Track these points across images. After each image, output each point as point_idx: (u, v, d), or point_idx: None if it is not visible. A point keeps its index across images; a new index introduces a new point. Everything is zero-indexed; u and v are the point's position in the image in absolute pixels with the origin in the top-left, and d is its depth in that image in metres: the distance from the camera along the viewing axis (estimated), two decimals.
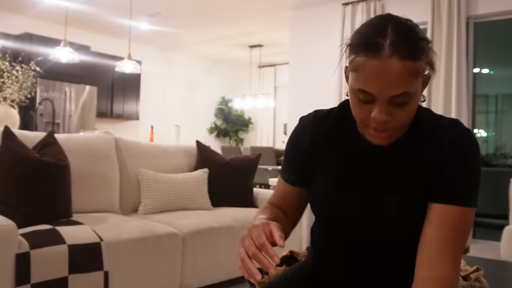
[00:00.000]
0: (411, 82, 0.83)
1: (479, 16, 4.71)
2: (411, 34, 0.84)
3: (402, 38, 0.83)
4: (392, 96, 0.84)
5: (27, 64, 3.89)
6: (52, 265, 1.82)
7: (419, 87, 0.86)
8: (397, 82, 0.82)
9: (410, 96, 0.85)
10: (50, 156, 2.20)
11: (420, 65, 0.84)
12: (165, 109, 8.62)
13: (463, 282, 1.40)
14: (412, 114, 0.89)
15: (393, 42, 0.82)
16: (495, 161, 6.56)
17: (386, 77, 0.82)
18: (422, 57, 0.84)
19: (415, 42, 0.84)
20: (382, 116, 0.86)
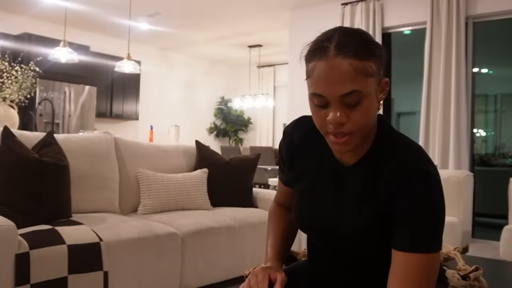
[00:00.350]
0: (359, 80, 0.86)
1: (478, 16, 4.72)
2: (358, 36, 0.89)
3: (347, 39, 0.87)
4: (342, 96, 0.86)
5: (26, 64, 3.89)
6: (52, 265, 1.82)
7: (371, 88, 0.88)
8: (344, 80, 0.85)
9: (362, 95, 0.87)
10: (50, 156, 2.20)
11: (368, 65, 0.86)
12: (164, 109, 8.62)
13: (462, 281, 1.40)
14: (368, 117, 0.89)
15: (338, 44, 0.86)
16: (494, 160, 6.57)
17: (333, 76, 0.86)
18: (371, 58, 0.87)
19: (361, 43, 0.87)
20: (336, 116, 0.88)
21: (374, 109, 0.91)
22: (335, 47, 0.86)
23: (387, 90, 0.94)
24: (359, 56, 0.86)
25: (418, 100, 5.00)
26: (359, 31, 0.91)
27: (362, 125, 0.89)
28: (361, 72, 0.86)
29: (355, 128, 0.89)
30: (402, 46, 6.00)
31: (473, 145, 4.91)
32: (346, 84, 0.85)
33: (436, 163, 4.63)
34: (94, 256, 1.95)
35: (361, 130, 0.90)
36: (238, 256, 2.64)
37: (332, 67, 0.86)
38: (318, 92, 0.88)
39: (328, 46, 0.87)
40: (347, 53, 0.85)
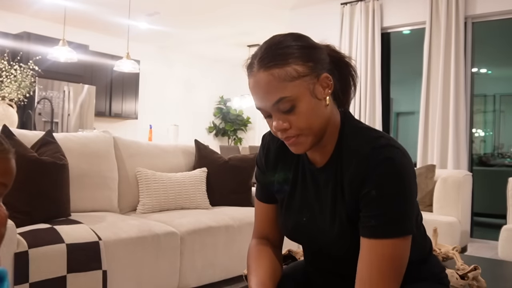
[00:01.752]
0: (283, 87, 0.89)
1: (477, 16, 4.72)
2: (277, 44, 0.93)
3: (267, 51, 0.92)
4: (273, 105, 0.91)
5: (25, 63, 3.88)
6: (51, 264, 1.83)
7: (303, 90, 0.90)
8: (269, 90, 0.90)
9: (292, 99, 0.90)
10: (49, 155, 2.20)
11: (291, 70, 0.89)
12: (163, 109, 8.62)
13: (461, 281, 1.41)
14: (309, 117, 0.92)
15: (260, 58, 0.92)
16: (492, 160, 6.58)
17: (260, 89, 0.91)
18: (294, 62, 0.90)
19: (278, 50, 0.91)
20: (278, 124, 0.92)
21: (317, 108, 0.93)
22: (257, 61, 0.92)
23: (331, 84, 0.94)
24: (279, 64, 0.89)
25: (417, 100, 5.01)
26: (284, 38, 0.95)
27: (305, 126, 0.92)
28: (284, 78, 0.89)
29: (299, 130, 0.92)
30: (401, 46, 6.01)
31: (471, 145, 4.91)
32: (272, 94, 0.90)
33: (435, 163, 4.64)
34: (93, 255, 1.95)
35: (307, 129, 0.93)
36: (237, 255, 2.64)
37: (257, 82, 0.91)
38: (257, 106, 0.95)
39: (253, 62, 0.93)
40: (267, 64, 0.90)
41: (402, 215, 0.89)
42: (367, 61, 5.28)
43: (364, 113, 5.26)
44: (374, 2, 5.27)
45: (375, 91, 5.24)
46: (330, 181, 0.99)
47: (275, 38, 0.96)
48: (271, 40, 0.95)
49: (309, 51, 0.93)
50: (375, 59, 5.24)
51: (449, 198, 3.67)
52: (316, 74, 0.92)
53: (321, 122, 0.94)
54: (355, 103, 5.34)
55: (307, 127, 0.92)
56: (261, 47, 0.94)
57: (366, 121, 5.21)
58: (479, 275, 1.43)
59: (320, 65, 0.93)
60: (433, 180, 3.90)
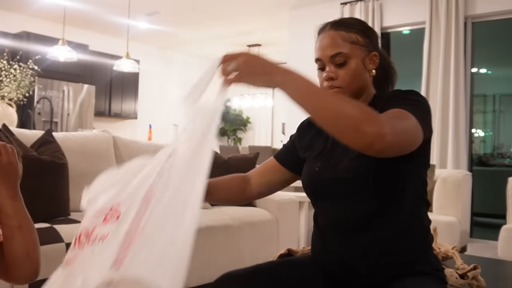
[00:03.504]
0: (343, 45, 1.11)
1: (477, 16, 4.72)
2: (349, 18, 1.21)
3: (341, 19, 1.17)
4: (331, 56, 1.12)
5: (25, 62, 3.88)
6: (50, 264, 1.82)
7: (357, 53, 1.12)
8: (332, 44, 1.12)
9: (347, 56, 1.11)
10: (48, 154, 2.20)
11: (354, 36, 1.13)
12: (163, 108, 8.61)
13: (461, 280, 1.41)
14: (353, 75, 1.11)
15: (334, 22, 1.16)
16: (492, 160, 6.58)
17: (325, 42, 1.14)
18: (358, 32, 1.13)
19: (349, 20, 1.17)
20: (328, 73, 1.12)
21: (361, 71, 1.13)
22: (330, 23, 1.16)
23: (377, 61, 1.17)
24: (347, 29, 1.13)
25: None
26: (356, 19, 1.21)
27: (348, 81, 1.12)
28: (347, 39, 1.12)
29: (343, 83, 1.12)
30: (401, 46, 6.01)
31: (471, 145, 4.91)
32: (334, 47, 1.12)
33: (435, 163, 4.64)
34: None
35: (349, 85, 1.12)
36: (237, 254, 2.64)
37: (325, 36, 1.14)
38: (316, 57, 1.16)
39: (326, 26, 1.17)
40: (339, 26, 1.14)
41: (417, 107, 1.01)
42: None
43: None
44: (374, 2, 5.27)
45: None
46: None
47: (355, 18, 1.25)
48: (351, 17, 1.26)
49: (369, 32, 1.17)
50: None
51: (448, 198, 3.66)
52: (369, 49, 1.15)
53: (360, 84, 1.14)
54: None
55: (349, 83, 1.12)
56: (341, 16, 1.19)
57: None
58: (478, 275, 1.43)
59: (373, 45, 1.16)
60: (433, 180, 3.90)
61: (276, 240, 2.72)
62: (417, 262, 1.07)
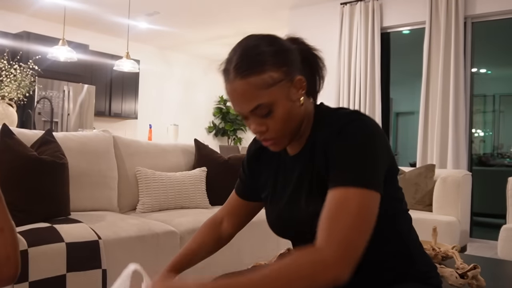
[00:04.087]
0: (261, 94, 0.92)
1: (477, 16, 4.72)
2: (252, 50, 0.95)
3: (242, 58, 0.94)
4: (250, 111, 0.95)
5: (25, 62, 3.88)
6: (50, 263, 1.82)
7: (279, 95, 0.94)
8: (247, 98, 0.93)
9: (269, 105, 0.93)
10: (48, 154, 2.20)
11: (267, 77, 0.92)
12: (163, 108, 8.62)
13: (461, 280, 1.41)
14: (285, 120, 0.95)
15: (235, 65, 0.94)
16: (492, 160, 6.58)
17: (237, 97, 0.94)
18: (269, 69, 0.92)
19: (254, 57, 0.93)
20: (255, 128, 0.97)
21: (292, 110, 0.96)
22: (233, 69, 0.94)
23: (305, 85, 0.98)
24: (255, 73, 0.92)
25: (417, 100, 5.01)
26: (258, 42, 0.97)
27: (281, 129, 0.97)
28: (261, 86, 0.92)
29: (276, 133, 0.97)
30: (401, 46, 6.01)
31: (471, 145, 4.92)
32: (249, 102, 0.93)
33: (435, 163, 4.64)
34: (93, 254, 1.95)
35: (283, 132, 0.97)
36: (236, 254, 2.64)
37: (234, 89, 0.94)
38: (234, 110, 0.98)
39: (229, 69, 0.95)
40: (243, 72, 0.92)
41: (364, 167, 0.88)
42: (367, 61, 5.29)
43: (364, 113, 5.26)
44: (373, 2, 5.27)
45: (375, 91, 5.24)
46: (306, 164, 1.02)
47: (249, 42, 0.98)
48: (245, 44, 0.97)
49: (283, 56, 0.96)
50: (375, 59, 5.24)
51: (448, 198, 3.67)
52: (290, 77, 0.95)
53: (297, 122, 0.99)
54: (354, 103, 5.35)
55: (283, 129, 0.97)
56: (235, 51, 0.96)
57: None
58: (478, 274, 1.43)
59: (293, 68, 0.96)
60: (433, 179, 3.90)
61: (276, 240, 2.72)
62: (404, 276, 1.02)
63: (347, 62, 5.42)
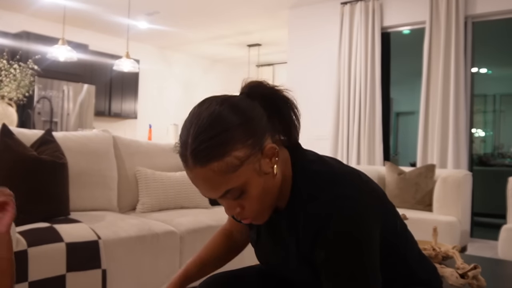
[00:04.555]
0: (227, 179, 0.81)
1: (477, 16, 4.72)
2: (208, 131, 0.81)
3: (198, 142, 0.80)
4: (220, 197, 0.84)
5: (25, 62, 3.88)
6: (50, 263, 1.82)
7: (249, 173, 0.82)
8: (212, 186, 0.82)
9: (240, 188, 0.83)
10: (48, 154, 2.20)
11: (232, 159, 0.80)
12: (163, 108, 8.61)
13: (461, 279, 1.40)
14: (260, 197, 0.86)
15: (192, 151, 0.81)
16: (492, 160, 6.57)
17: (201, 184, 0.83)
18: (232, 149, 0.80)
19: (212, 140, 0.80)
20: (229, 211, 0.88)
21: (268, 183, 0.86)
22: (191, 155, 0.81)
23: (277, 152, 0.86)
24: (217, 158, 0.79)
25: (417, 100, 5.01)
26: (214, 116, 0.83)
27: (259, 208, 0.87)
28: (226, 171, 0.80)
29: (253, 212, 0.88)
30: (401, 46, 6.01)
31: (471, 145, 4.91)
32: (217, 189, 0.82)
33: (435, 163, 4.64)
34: (92, 254, 1.95)
35: (261, 209, 0.88)
36: None
37: (196, 178, 0.82)
38: (201, 193, 0.87)
39: (186, 155, 0.83)
40: (202, 159, 0.80)
41: (356, 275, 0.82)
42: (367, 61, 5.28)
43: (364, 113, 5.26)
44: (374, 1, 5.27)
45: (375, 91, 5.24)
46: (290, 226, 0.95)
47: (203, 116, 0.84)
48: (199, 120, 0.84)
49: (247, 126, 0.83)
50: (375, 59, 5.24)
51: (449, 198, 3.66)
52: (259, 147, 0.83)
53: (273, 194, 0.89)
54: (355, 103, 5.34)
55: (260, 206, 0.87)
56: (188, 131, 0.84)
57: (366, 121, 5.21)
58: (479, 274, 1.43)
59: (260, 135, 0.84)
60: (433, 179, 3.90)
61: None
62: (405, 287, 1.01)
63: (347, 62, 5.42)
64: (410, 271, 1.02)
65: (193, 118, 0.86)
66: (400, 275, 1.00)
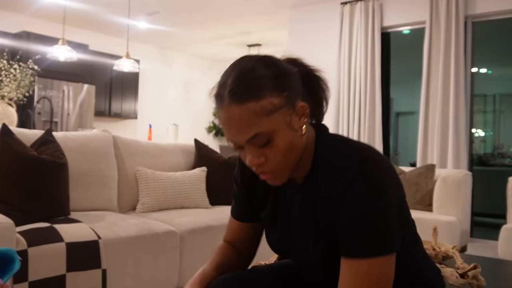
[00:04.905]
0: (260, 122, 0.83)
1: (477, 16, 4.72)
2: (248, 73, 0.85)
3: (238, 83, 0.84)
4: (247, 140, 0.86)
5: (25, 62, 3.88)
6: (50, 263, 1.82)
7: (280, 123, 0.85)
8: (244, 126, 0.84)
9: (269, 134, 0.85)
10: (48, 154, 2.20)
11: (267, 103, 0.83)
12: (163, 108, 8.62)
13: (461, 279, 1.41)
14: (285, 151, 0.87)
15: (230, 90, 0.84)
16: (492, 160, 6.57)
17: (232, 124, 0.85)
18: (270, 95, 0.84)
19: (251, 82, 0.84)
20: (252, 159, 0.88)
21: (293, 140, 0.88)
22: (228, 94, 0.85)
23: (308, 112, 0.90)
24: (254, 98, 0.83)
25: (417, 100, 5.01)
26: (255, 65, 0.87)
27: (281, 162, 0.88)
28: (260, 113, 0.83)
29: (275, 166, 0.88)
30: (401, 46, 6.01)
31: (471, 145, 4.91)
32: (247, 130, 0.84)
33: (435, 163, 4.64)
34: (93, 254, 1.95)
35: (282, 164, 0.89)
36: None
37: (230, 116, 0.85)
38: (227, 139, 0.89)
39: (223, 94, 0.86)
40: (241, 98, 0.83)
41: (380, 234, 0.84)
42: (367, 61, 5.28)
43: (364, 113, 5.26)
44: (374, 1, 5.27)
45: (375, 91, 5.24)
46: (308, 200, 0.96)
47: (244, 64, 0.88)
48: (240, 66, 0.88)
49: (283, 80, 0.87)
50: (375, 59, 5.24)
51: (449, 198, 3.67)
52: (292, 103, 0.87)
53: (297, 153, 0.90)
54: (354, 103, 5.34)
55: (283, 162, 0.88)
56: (228, 74, 0.87)
57: (366, 121, 5.21)
58: (479, 274, 1.43)
59: (294, 93, 0.88)
60: (433, 179, 3.90)
61: None
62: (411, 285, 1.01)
63: (347, 62, 5.42)
64: (417, 268, 1.02)
65: (234, 67, 0.89)
66: (408, 272, 1.00)
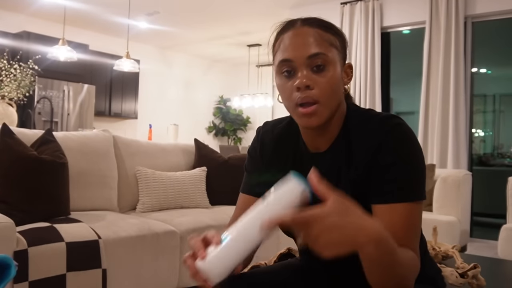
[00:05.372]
0: (324, 45, 0.92)
1: (477, 16, 4.72)
2: (318, 18, 0.98)
3: (311, 18, 0.97)
4: (309, 57, 0.90)
5: (25, 62, 3.88)
6: (50, 263, 1.82)
7: (336, 58, 0.93)
8: (310, 43, 0.91)
9: (327, 59, 0.91)
10: (48, 153, 2.20)
11: (332, 38, 0.94)
12: (163, 108, 8.61)
13: (461, 279, 1.41)
14: (333, 85, 0.92)
15: (305, 19, 0.96)
16: (492, 160, 6.57)
17: (300, 40, 0.92)
18: (334, 35, 0.95)
19: (322, 20, 0.96)
20: (303, 80, 0.90)
21: (340, 84, 0.95)
22: (302, 20, 0.95)
23: (352, 75, 1.00)
24: (323, 28, 0.94)
25: (417, 100, 5.01)
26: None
27: (328, 93, 0.91)
28: (326, 40, 0.92)
29: (321, 94, 0.91)
30: (401, 46, 6.01)
31: (471, 145, 4.91)
32: (312, 46, 0.91)
33: (435, 162, 4.64)
34: (93, 253, 1.95)
35: (327, 99, 0.92)
36: None
37: (299, 33, 0.93)
38: (285, 57, 0.92)
39: (295, 21, 0.96)
40: (313, 23, 0.94)
41: (417, 180, 0.90)
42: (367, 61, 5.28)
43: None
44: (374, 1, 5.27)
45: (375, 91, 5.24)
46: (335, 163, 0.97)
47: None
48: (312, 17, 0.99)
49: (344, 38, 0.99)
50: (375, 59, 5.24)
51: (448, 198, 3.67)
52: (345, 60, 0.97)
53: (338, 99, 0.96)
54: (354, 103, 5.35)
55: (329, 95, 0.92)
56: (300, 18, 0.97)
57: None
58: (478, 274, 1.43)
59: (346, 54, 0.99)
60: (433, 179, 3.90)
61: (276, 239, 2.72)
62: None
63: None
64: (421, 263, 1.02)
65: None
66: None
